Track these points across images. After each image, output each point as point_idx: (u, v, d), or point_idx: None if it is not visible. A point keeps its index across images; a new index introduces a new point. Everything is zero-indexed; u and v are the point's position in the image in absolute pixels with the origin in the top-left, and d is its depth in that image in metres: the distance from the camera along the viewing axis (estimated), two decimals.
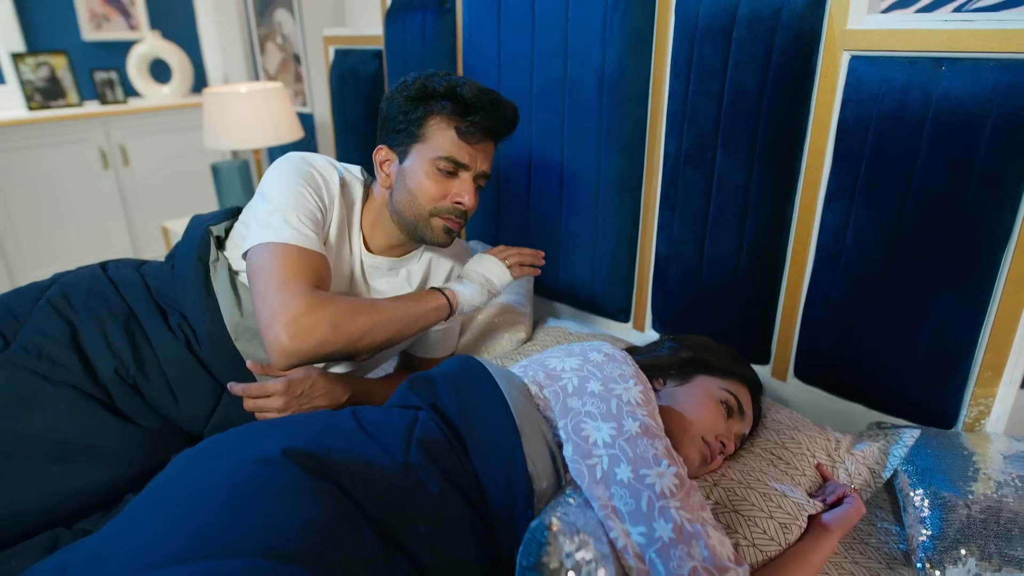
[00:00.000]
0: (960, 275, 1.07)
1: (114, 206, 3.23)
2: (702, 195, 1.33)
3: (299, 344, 0.94)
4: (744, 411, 1.04)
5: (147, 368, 1.09)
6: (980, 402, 1.14)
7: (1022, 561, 0.93)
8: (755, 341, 1.38)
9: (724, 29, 1.22)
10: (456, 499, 0.74)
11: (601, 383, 0.85)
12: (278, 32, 3.33)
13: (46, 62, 3.10)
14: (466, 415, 0.81)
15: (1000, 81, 0.97)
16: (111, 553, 0.61)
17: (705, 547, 0.70)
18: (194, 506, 0.63)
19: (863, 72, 1.11)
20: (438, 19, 1.79)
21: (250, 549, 0.56)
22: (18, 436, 0.97)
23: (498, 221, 1.76)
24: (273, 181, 1.08)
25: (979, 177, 1.01)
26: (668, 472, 0.75)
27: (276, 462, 0.66)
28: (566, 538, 0.67)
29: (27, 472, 0.97)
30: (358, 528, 0.64)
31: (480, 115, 1.07)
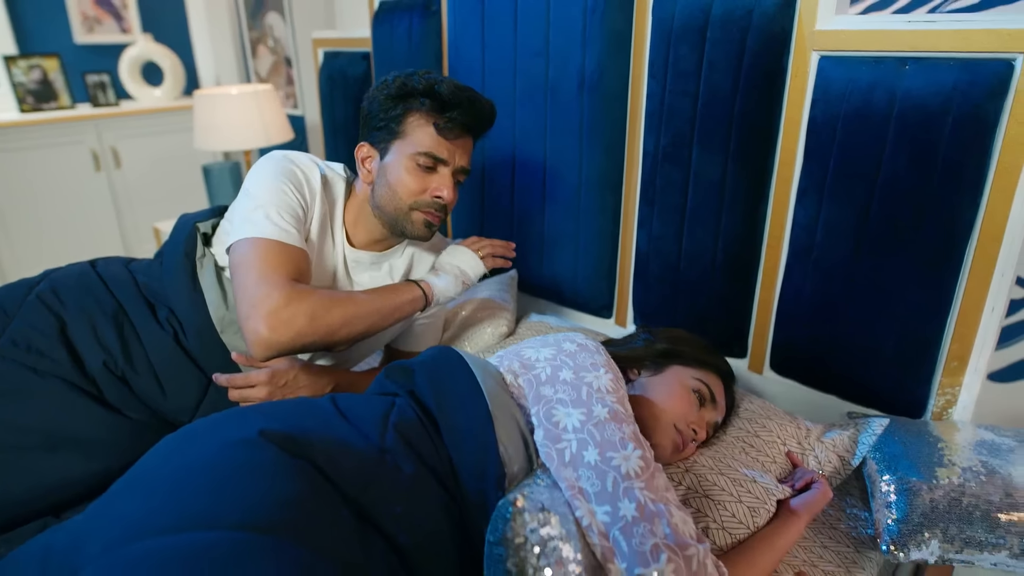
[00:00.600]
0: (925, 268, 1.10)
1: (106, 207, 3.24)
2: (679, 192, 1.37)
3: (278, 336, 0.97)
4: (716, 400, 1.07)
5: (135, 361, 1.11)
6: (947, 391, 1.17)
7: (982, 543, 0.96)
8: (732, 335, 1.41)
9: (699, 30, 1.25)
10: (430, 481, 0.76)
11: (573, 372, 0.88)
12: (269, 35, 3.35)
13: (38, 65, 3.12)
14: (441, 401, 0.84)
15: (960, 80, 1.01)
16: (93, 530, 0.63)
17: (668, 525, 0.73)
18: (174, 484, 0.66)
19: (831, 72, 1.14)
20: (424, 21, 1.82)
21: (227, 522, 0.59)
22: (7, 427, 1.00)
23: (483, 220, 1.79)
24: (256, 179, 1.11)
25: (941, 173, 1.05)
26: (634, 455, 0.78)
27: (254, 443, 0.69)
28: (531, 515, 0.70)
29: (16, 462, 0.99)
30: (335, 506, 0.67)
31: (457, 111, 1.10)
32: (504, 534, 0.69)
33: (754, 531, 0.96)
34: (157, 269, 1.21)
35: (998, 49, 0.98)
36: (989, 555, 0.96)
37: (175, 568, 0.55)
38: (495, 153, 1.70)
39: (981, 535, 0.97)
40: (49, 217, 3.07)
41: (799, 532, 0.97)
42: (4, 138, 2.90)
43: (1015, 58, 0.98)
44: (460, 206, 1.85)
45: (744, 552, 0.92)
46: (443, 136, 1.12)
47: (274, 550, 0.58)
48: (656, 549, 0.70)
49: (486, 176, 1.75)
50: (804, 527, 0.98)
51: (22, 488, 0.99)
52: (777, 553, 0.93)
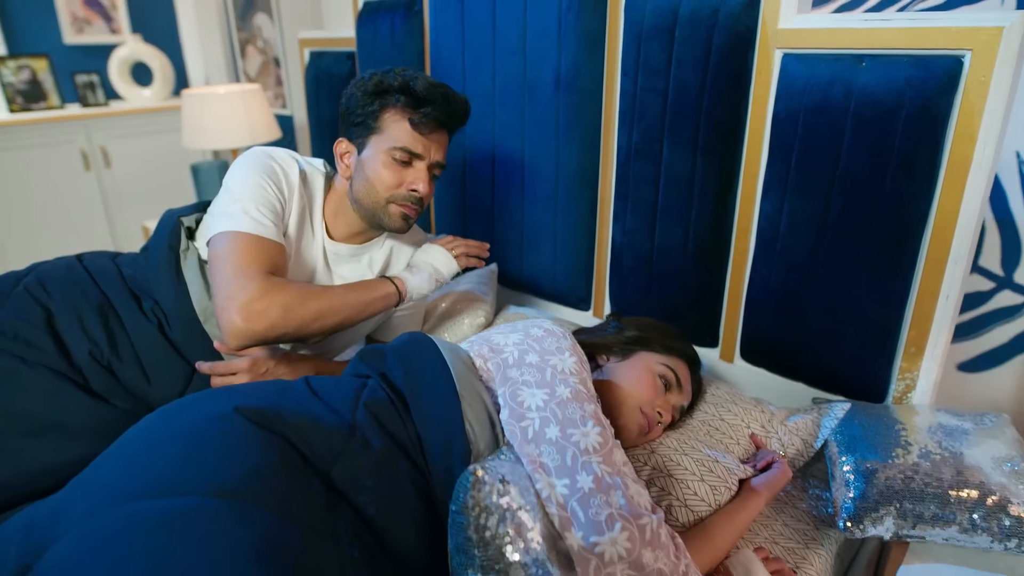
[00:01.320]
0: (883, 257, 1.15)
1: (95, 207, 3.27)
2: (651, 186, 1.41)
3: (252, 326, 1.01)
4: (682, 385, 1.11)
5: (121, 351, 1.14)
6: (907, 377, 1.21)
7: (934, 518, 1.00)
8: (705, 325, 1.46)
9: (668, 29, 1.30)
10: (399, 456, 0.80)
11: (539, 355, 0.91)
12: (258, 36, 3.39)
13: (27, 65, 3.14)
14: (411, 382, 0.87)
15: (912, 76, 1.05)
16: (74, 499, 0.67)
17: (623, 497, 0.77)
18: (151, 454, 0.69)
19: (793, 68, 1.19)
20: (406, 22, 1.85)
21: (199, 489, 0.63)
22: None
23: (464, 215, 1.83)
24: (235, 174, 1.15)
25: (896, 166, 1.09)
26: (593, 432, 0.81)
27: (228, 417, 0.73)
28: (491, 484, 0.74)
29: (5, 446, 1.02)
30: (305, 477, 0.71)
31: (432, 107, 1.14)
32: (465, 503, 0.73)
33: (716, 508, 1.00)
34: (142, 262, 1.25)
35: (948, 46, 1.03)
36: (940, 530, 1.00)
37: (148, 530, 0.59)
38: (475, 150, 1.74)
39: (933, 511, 1.01)
40: (39, 216, 3.10)
41: (759, 509, 1.01)
42: None
43: (964, 55, 1.02)
44: (442, 202, 1.89)
45: (705, 528, 0.96)
46: (418, 131, 1.16)
47: (241, 513, 0.61)
48: (611, 519, 0.74)
49: (467, 172, 1.79)
50: (764, 505, 1.02)
51: (9, 472, 1.02)
52: (737, 528, 0.97)
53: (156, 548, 0.58)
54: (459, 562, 0.73)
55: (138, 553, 0.57)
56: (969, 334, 1.83)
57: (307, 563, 0.61)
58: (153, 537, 0.58)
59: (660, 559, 0.75)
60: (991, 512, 0.98)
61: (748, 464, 1.09)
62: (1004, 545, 0.98)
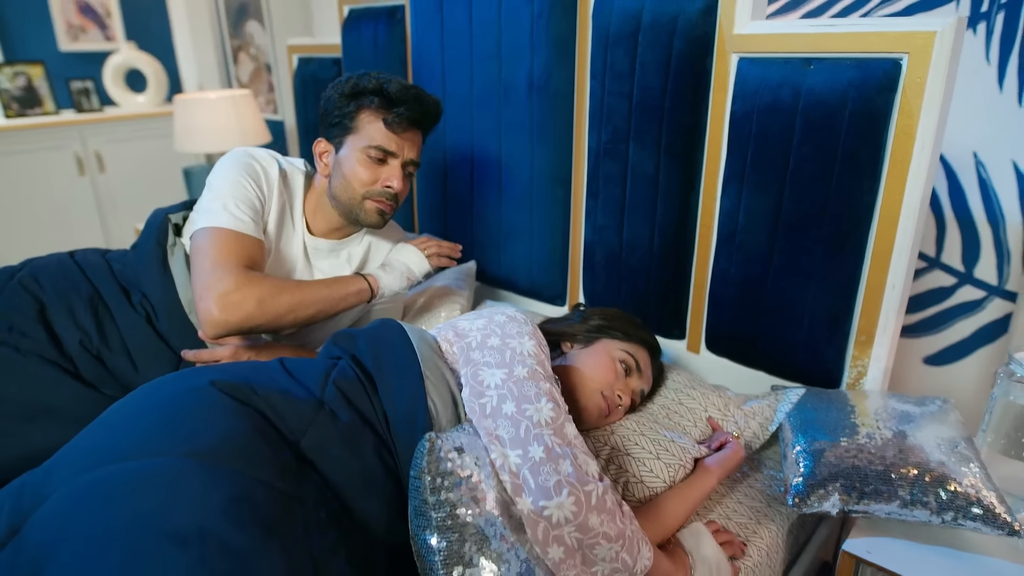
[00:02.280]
0: (832, 249, 1.21)
1: (89, 210, 3.32)
2: (619, 185, 1.47)
3: (227, 316, 1.07)
4: (642, 370, 1.17)
5: (110, 340, 1.20)
6: (858, 364, 1.28)
7: (876, 493, 1.06)
8: (672, 318, 1.52)
9: (632, 35, 1.36)
10: (365, 429, 0.86)
11: (500, 339, 0.97)
12: (251, 43, 3.46)
13: (23, 72, 3.20)
14: (378, 362, 0.93)
15: (854, 77, 1.12)
16: (62, 463, 0.73)
17: (571, 466, 0.82)
18: (132, 422, 0.75)
19: (747, 71, 1.25)
20: (389, 29, 1.92)
21: (175, 451, 0.69)
22: None
23: (445, 213, 1.89)
24: (218, 173, 1.21)
25: (841, 162, 1.15)
26: (546, 407, 0.87)
27: (204, 390, 0.79)
28: (445, 451, 0.80)
29: (1, 429, 1.08)
30: (275, 445, 0.77)
31: (404, 107, 1.21)
32: (421, 467, 0.79)
33: (670, 485, 1.06)
34: (132, 257, 1.31)
35: (886, 50, 1.09)
36: (883, 505, 1.06)
37: (125, 485, 0.65)
38: (455, 150, 1.80)
39: (875, 487, 1.07)
40: (35, 220, 3.15)
41: (711, 486, 1.07)
42: None
43: (902, 58, 1.09)
44: (424, 201, 1.95)
45: (656, 503, 1.01)
46: (392, 131, 1.22)
47: (212, 472, 0.67)
48: (559, 485, 0.80)
49: (448, 172, 1.85)
50: (716, 483, 1.08)
51: (4, 454, 1.08)
52: (689, 504, 1.03)
53: (131, 499, 0.64)
54: (417, 524, 0.79)
55: (114, 504, 0.63)
56: (933, 329, 1.89)
57: (273, 519, 0.67)
58: (128, 490, 0.64)
59: (605, 523, 0.81)
60: (928, 487, 1.04)
61: (704, 444, 1.15)
62: (941, 518, 1.03)
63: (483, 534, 0.78)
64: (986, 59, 1.62)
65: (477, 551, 0.77)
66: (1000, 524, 1.00)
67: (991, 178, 1.69)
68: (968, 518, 1.01)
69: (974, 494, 1.01)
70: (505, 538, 0.79)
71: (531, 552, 0.80)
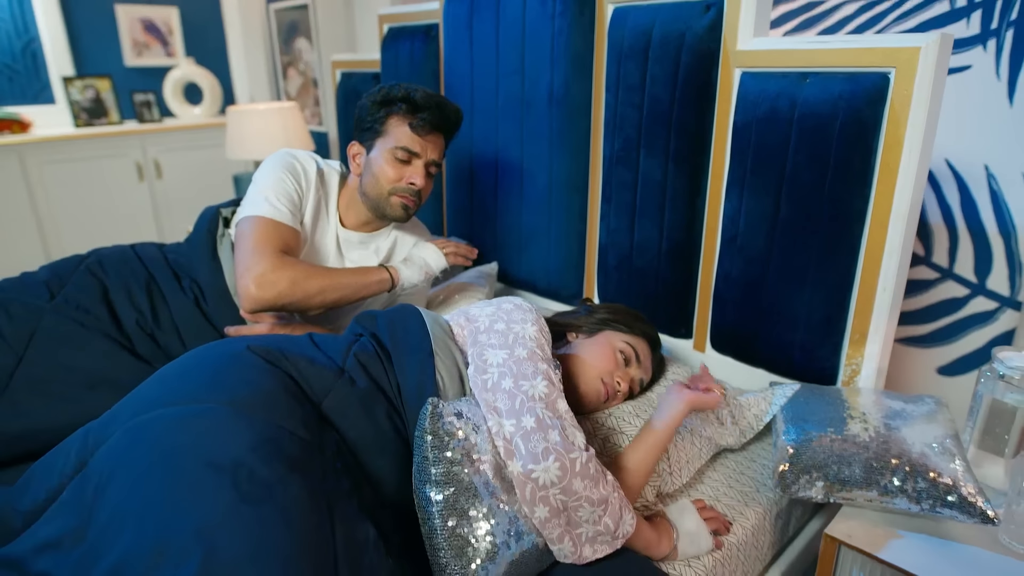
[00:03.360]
0: (826, 252, 1.28)
1: (146, 214, 3.56)
2: (630, 190, 1.56)
3: (263, 294, 1.22)
4: (641, 360, 1.26)
5: (162, 320, 1.35)
6: (853, 362, 1.33)
7: (859, 482, 1.11)
8: (679, 318, 1.59)
9: (643, 50, 1.46)
10: (379, 395, 0.97)
11: (505, 324, 1.07)
12: (299, 59, 3.66)
13: (92, 85, 3.46)
14: (395, 339, 1.04)
15: (844, 90, 1.19)
16: (121, 410, 0.86)
17: (559, 435, 0.91)
18: (180, 377, 0.88)
19: (749, 84, 1.34)
20: (424, 45, 2.06)
21: (216, 400, 0.81)
22: (60, 367, 1.24)
23: (471, 217, 2.01)
24: (262, 170, 1.36)
25: (833, 169, 1.23)
26: (540, 384, 0.97)
27: (242, 353, 0.91)
28: (446, 415, 0.90)
29: (64, 395, 1.23)
30: (300, 401, 0.88)
31: (428, 113, 1.35)
32: (423, 427, 0.89)
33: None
34: (184, 248, 1.47)
35: (876, 64, 1.17)
36: (863, 492, 1.12)
37: (175, 425, 0.77)
38: (481, 158, 1.92)
39: (858, 476, 1.12)
40: (97, 220, 3.39)
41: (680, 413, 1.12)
42: (60, 150, 3.23)
43: (890, 72, 1.16)
44: (452, 204, 2.07)
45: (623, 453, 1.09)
46: (416, 133, 1.37)
47: (246, 417, 0.79)
48: (547, 451, 0.89)
49: (474, 178, 1.97)
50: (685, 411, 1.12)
51: (66, 417, 1.22)
52: (663, 431, 1.10)
53: (177, 434, 0.76)
54: (419, 478, 0.89)
55: (163, 437, 0.76)
56: (946, 339, 1.92)
57: (295, 459, 0.78)
58: (176, 428, 0.77)
59: (588, 488, 0.90)
60: (908, 476, 1.09)
61: (690, 385, 1.20)
62: (920, 506, 1.09)
63: (477, 491, 0.88)
64: (996, 75, 1.67)
65: (471, 505, 0.87)
66: (977, 513, 1.05)
67: (1002, 190, 1.72)
68: (946, 506, 1.07)
69: (952, 484, 1.07)
70: (496, 496, 0.89)
71: (519, 511, 0.90)
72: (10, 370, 1.21)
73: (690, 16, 1.38)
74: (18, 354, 1.22)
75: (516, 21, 1.71)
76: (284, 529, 0.70)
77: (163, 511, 0.70)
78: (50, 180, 3.22)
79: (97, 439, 0.84)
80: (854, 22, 1.88)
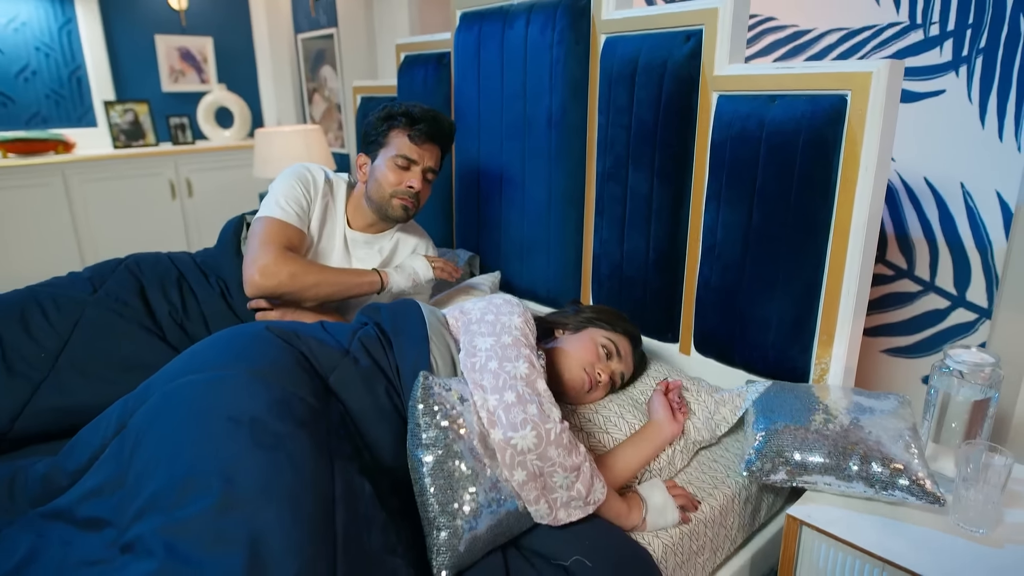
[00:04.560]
0: (795, 259, 1.39)
1: (177, 228, 3.76)
2: (620, 204, 1.69)
3: (265, 282, 1.41)
4: (622, 355, 1.38)
5: (191, 312, 1.52)
6: (822, 361, 1.43)
7: (819, 468, 1.21)
8: (666, 323, 1.71)
9: (630, 76, 1.60)
10: (380, 376, 1.10)
11: (495, 315, 1.20)
12: (324, 85, 3.88)
13: (131, 109, 3.70)
14: (395, 327, 1.18)
15: (807, 110, 1.32)
16: (156, 379, 1.00)
17: (537, 409, 1.03)
18: (208, 351, 1.02)
19: (724, 106, 1.47)
20: (437, 71, 2.23)
21: (238, 368, 0.95)
22: (100, 351, 1.40)
23: (479, 229, 2.15)
24: (278, 179, 1.58)
25: (798, 181, 1.34)
26: (522, 366, 1.09)
27: (261, 332, 1.06)
28: (437, 387, 1.03)
29: (103, 376, 1.38)
30: (310, 374, 1.02)
31: (424, 124, 1.56)
32: (416, 397, 1.02)
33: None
34: (213, 251, 1.65)
35: (834, 88, 1.29)
36: (822, 476, 1.21)
37: (202, 388, 0.91)
38: (487, 175, 2.07)
39: (819, 462, 1.22)
40: (130, 235, 3.60)
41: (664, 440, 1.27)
42: (100, 169, 3.46)
43: (847, 94, 1.28)
44: (460, 218, 2.22)
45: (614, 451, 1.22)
46: (414, 143, 1.56)
47: (263, 383, 0.93)
48: (524, 422, 1.01)
49: (480, 194, 2.11)
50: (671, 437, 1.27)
51: (102, 396, 1.37)
52: (642, 454, 1.23)
53: (205, 395, 0.90)
54: (411, 443, 1.01)
55: (192, 398, 0.90)
56: (930, 350, 2.00)
57: (304, 419, 0.91)
58: (203, 390, 0.91)
59: (562, 456, 1.02)
60: (864, 462, 1.19)
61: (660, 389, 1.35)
62: (875, 489, 1.18)
63: (463, 455, 1.00)
64: (968, 98, 1.78)
65: (457, 468, 0.99)
66: (926, 494, 1.14)
67: (978, 207, 1.83)
68: (898, 489, 1.16)
69: (904, 468, 1.16)
70: (480, 460, 1.01)
71: (501, 475, 1.01)
72: (56, 354, 1.37)
73: (672, 45, 1.52)
74: (64, 339, 1.38)
75: (519, 50, 1.87)
76: (291, 471, 0.83)
77: (190, 455, 0.84)
78: (90, 196, 3.44)
79: (135, 404, 0.98)
80: (837, 50, 2.01)
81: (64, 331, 1.39)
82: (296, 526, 0.76)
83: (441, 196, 2.30)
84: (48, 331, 1.39)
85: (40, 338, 1.38)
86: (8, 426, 1.30)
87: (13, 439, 1.31)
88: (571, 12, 1.73)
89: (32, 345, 1.37)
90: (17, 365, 1.34)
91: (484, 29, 1.97)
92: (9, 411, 1.30)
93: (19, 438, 1.31)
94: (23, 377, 1.33)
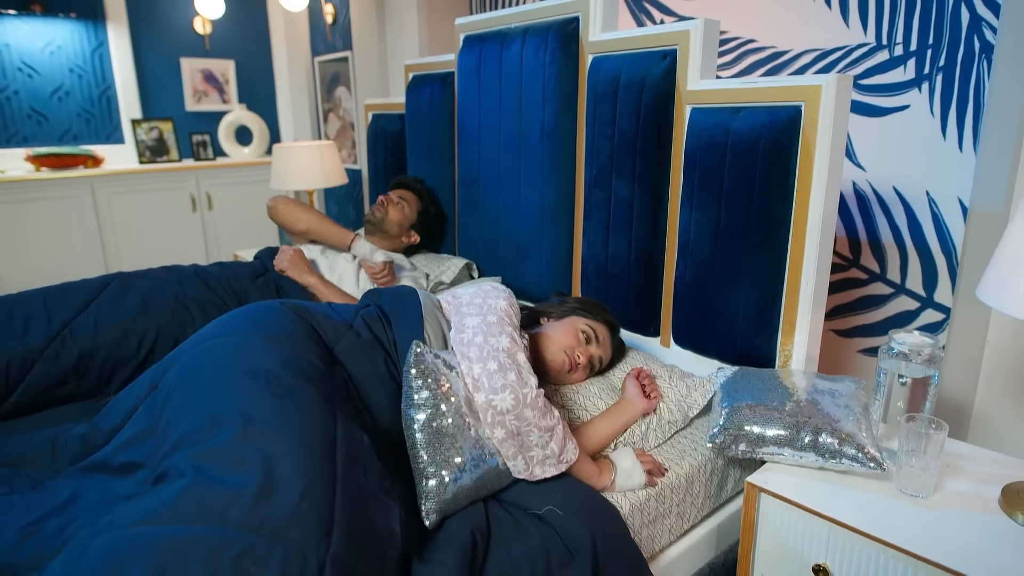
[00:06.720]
0: (759, 254, 1.53)
1: (197, 240, 3.96)
2: (604, 208, 1.84)
3: (273, 203, 2.11)
4: (600, 341, 1.52)
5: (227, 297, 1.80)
6: (786, 348, 1.56)
7: (775, 440, 1.34)
8: (648, 318, 1.84)
9: (613, 92, 1.76)
10: (379, 348, 1.25)
11: (483, 299, 1.35)
12: (339, 105, 4.08)
13: (156, 126, 3.92)
14: (394, 308, 1.33)
15: (766, 120, 1.46)
16: (185, 345, 1.16)
17: (515, 375, 1.17)
18: (231, 321, 1.18)
19: (696, 117, 1.62)
20: (442, 90, 2.40)
21: (256, 334, 1.10)
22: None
23: (480, 235, 2.31)
24: None
25: (760, 184, 1.49)
26: (504, 340, 1.23)
27: (277, 306, 1.22)
28: (428, 354, 1.17)
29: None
30: (317, 343, 1.17)
31: (396, 181, 2.08)
32: (409, 363, 1.16)
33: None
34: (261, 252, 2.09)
35: (789, 99, 1.44)
36: (778, 448, 1.34)
37: (225, 348, 1.06)
38: (488, 184, 2.23)
39: (775, 435, 1.34)
40: (152, 245, 3.80)
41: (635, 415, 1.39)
42: (126, 183, 3.67)
43: (801, 105, 1.43)
44: (463, 225, 2.38)
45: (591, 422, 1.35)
46: (389, 188, 2.09)
47: (277, 345, 1.08)
48: (504, 386, 1.15)
49: (481, 202, 2.27)
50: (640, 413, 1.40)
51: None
52: (615, 426, 1.36)
53: (227, 354, 1.06)
54: (405, 404, 1.16)
55: (217, 356, 1.06)
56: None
57: (312, 378, 1.06)
58: (225, 350, 1.06)
59: (537, 417, 1.16)
60: (816, 434, 1.31)
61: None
62: (825, 459, 1.30)
63: (450, 415, 1.14)
64: (931, 112, 1.93)
65: (445, 427, 1.13)
66: (869, 460, 1.26)
67: (942, 213, 1.96)
68: (845, 457, 1.28)
69: (851, 437, 1.28)
70: (464, 419, 1.15)
71: (483, 432, 1.15)
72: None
73: (650, 63, 1.68)
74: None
75: (515, 69, 2.04)
76: (299, 414, 0.97)
77: (214, 400, 0.99)
78: (116, 208, 3.65)
79: (166, 366, 1.14)
80: (811, 69, 2.16)
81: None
82: (303, 455, 0.91)
83: (444, 204, 2.46)
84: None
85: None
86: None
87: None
88: (561, 35, 1.90)
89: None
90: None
91: (484, 51, 2.14)
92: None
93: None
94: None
